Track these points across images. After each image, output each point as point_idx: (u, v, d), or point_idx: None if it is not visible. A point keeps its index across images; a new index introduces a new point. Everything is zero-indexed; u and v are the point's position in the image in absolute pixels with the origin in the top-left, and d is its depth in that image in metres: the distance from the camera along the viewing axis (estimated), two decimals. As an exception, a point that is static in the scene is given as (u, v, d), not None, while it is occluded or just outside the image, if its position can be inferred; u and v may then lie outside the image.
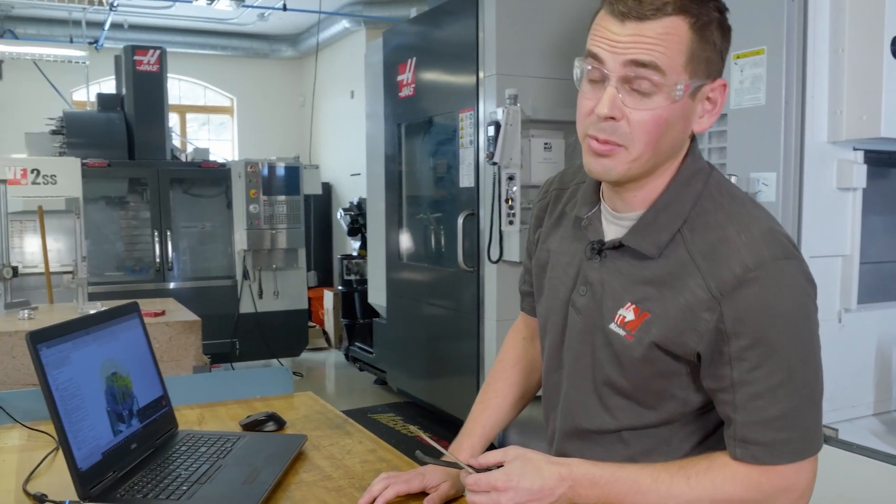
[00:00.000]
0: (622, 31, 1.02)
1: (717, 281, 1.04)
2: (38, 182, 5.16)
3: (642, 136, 1.04)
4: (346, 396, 5.96)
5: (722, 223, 1.07)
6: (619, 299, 1.13)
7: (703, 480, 1.05)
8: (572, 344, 1.22)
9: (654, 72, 1.01)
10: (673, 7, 1.01)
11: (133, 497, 1.33)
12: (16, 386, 3.01)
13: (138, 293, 5.39)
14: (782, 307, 1.03)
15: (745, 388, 1.04)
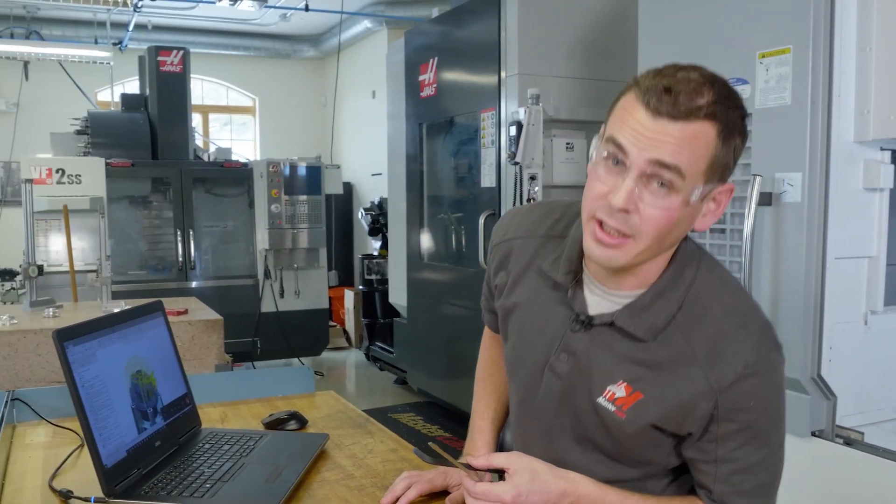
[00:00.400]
0: (652, 127, 1.02)
1: (717, 375, 1.09)
2: (64, 182, 5.21)
3: (651, 231, 1.05)
4: (366, 396, 5.97)
5: (718, 316, 1.11)
6: (609, 375, 1.15)
7: None
8: (549, 404, 1.24)
9: (676, 175, 1.02)
10: (706, 112, 1.01)
11: (157, 494, 1.34)
12: (41, 383, 3.04)
13: (161, 292, 5.43)
14: (771, 398, 1.12)
15: (727, 464, 1.12)
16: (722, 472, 1.13)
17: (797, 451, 2.33)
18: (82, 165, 5.33)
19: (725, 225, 2.50)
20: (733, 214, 2.48)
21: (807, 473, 2.32)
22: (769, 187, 2.33)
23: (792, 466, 2.32)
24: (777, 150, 2.32)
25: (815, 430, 2.31)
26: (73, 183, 5.19)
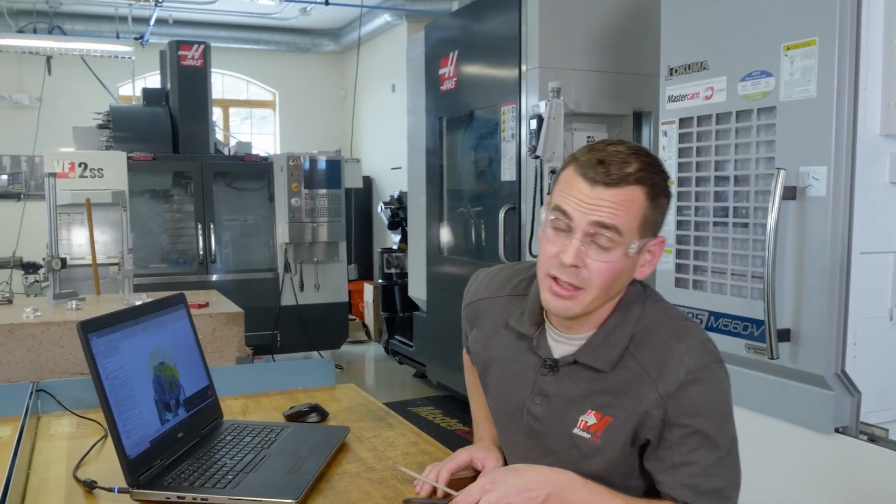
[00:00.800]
0: (590, 194, 1.20)
1: (664, 385, 1.23)
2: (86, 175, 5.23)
3: (598, 282, 1.22)
4: (385, 389, 5.99)
5: (664, 338, 1.26)
6: (579, 407, 1.30)
7: None
8: (532, 444, 1.37)
9: (614, 233, 1.20)
10: (634, 178, 1.19)
11: (180, 485, 1.35)
12: (64, 375, 3.07)
13: (182, 285, 5.47)
14: (713, 402, 1.24)
15: (684, 468, 1.23)
16: (680, 477, 1.23)
17: (820, 447, 2.31)
18: (104, 159, 5.35)
19: (749, 219, 2.48)
20: (756, 209, 2.45)
21: (830, 470, 2.30)
22: (793, 181, 2.30)
23: (815, 463, 2.31)
24: (802, 143, 2.29)
25: (838, 427, 2.29)
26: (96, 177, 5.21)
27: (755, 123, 2.44)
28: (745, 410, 2.53)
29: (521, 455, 1.40)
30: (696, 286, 2.69)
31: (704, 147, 2.64)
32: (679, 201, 2.73)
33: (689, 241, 2.70)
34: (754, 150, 2.45)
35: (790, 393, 2.39)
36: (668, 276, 2.77)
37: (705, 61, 2.60)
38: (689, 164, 2.68)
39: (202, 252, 6.23)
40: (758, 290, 2.42)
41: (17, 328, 3.08)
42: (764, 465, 2.50)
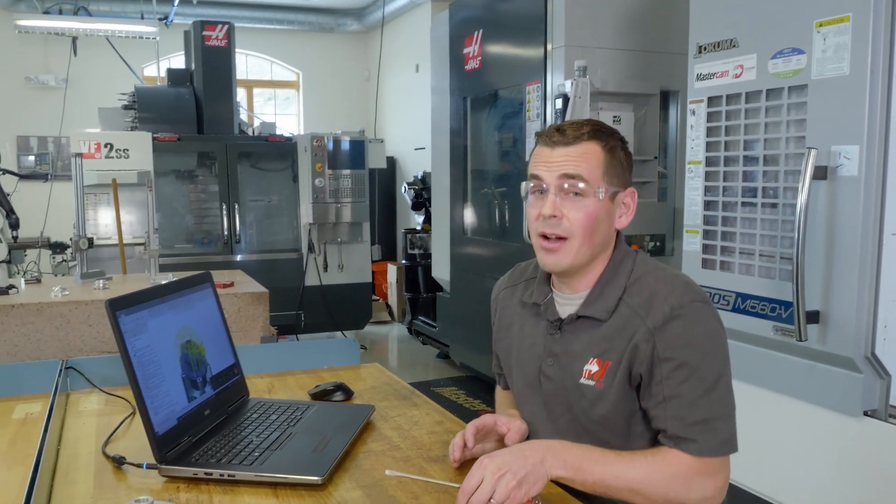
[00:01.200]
0: (554, 155, 1.40)
1: (652, 320, 1.34)
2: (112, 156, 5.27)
3: (580, 229, 1.38)
4: (408, 370, 6.00)
5: (651, 283, 1.39)
6: (583, 358, 1.41)
7: (653, 461, 1.30)
8: (551, 407, 1.47)
9: (581, 180, 1.37)
10: (588, 136, 1.39)
11: (207, 461, 1.36)
12: (91, 353, 3.10)
13: (207, 265, 5.50)
14: (699, 338, 1.33)
15: (673, 401, 1.32)
16: (671, 410, 1.32)
17: (849, 430, 2.29)
18: (130, 140, 5.39)
19: (778, 199, 2.45)
20: (786, 189, 2.42)
21: (858, 453, 2.28)
22: (824, 161, 2.26)
23: (844, 446, 2.29)
24: (833, 122, 2.25)
25: (867, 410, 2.26)
26: (121, 157, 5.25)
27: (786, 102, 2.40)
28: (773, 393, 2.51)
29: (541, 421, 1.49)
30: (724, 267, 2.66)
31: (733, 126, 2.60)
32: (707, 181, 2.70)
33: (717, 222, 2.67)
34: (784, 129, 2.42)
35: (818, 375, 2.37)
36: (695, 257, 2.74)
37: (735, 39, 2.56)
38: (718, 143, 2.65)
39: (227, 232, 6.27)
40: (786, 271, 2.39)
41: (45, 307, 3.12)
42: (792, 448, 2.48)
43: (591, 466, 1.27)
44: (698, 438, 1.30)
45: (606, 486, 1.28)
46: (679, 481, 1.30)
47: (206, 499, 1.27)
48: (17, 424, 1.68)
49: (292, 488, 1.31)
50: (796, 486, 2.47)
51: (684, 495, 1.30)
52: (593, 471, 1.27)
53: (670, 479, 1.29)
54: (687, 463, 1.30)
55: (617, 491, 1.28)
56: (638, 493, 1.29)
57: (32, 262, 6.48)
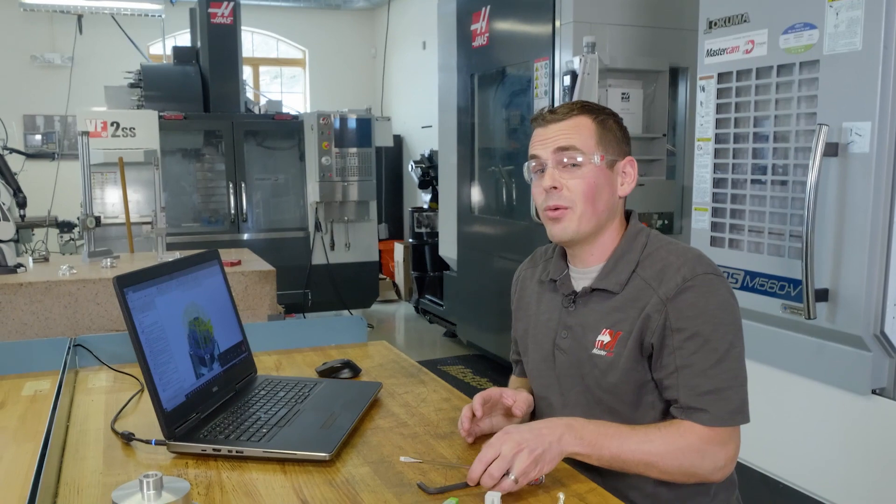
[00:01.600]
0: (546, 132, 1.45)
1: (664, 290, 1.36)
2: (118, 135, 5.28)
3: (580, 197, 1.42)
4: (416, 348, 6.02)
5: (664, 256, 1.42)
6: (596, 329, 1.44)
7: (666, 434, 1.32)
8: (563, 379, 1.50)
9: (575, 151, 1.42)
10: (578, 111, 1.45)
11: (215, 438, 1.36)
12: (100, 332, 3.12)
13: (214, 244, 5.49)
14: (711, 308, 1.35)
15: (685, 370, 1.34)
16: (682, 379, 1.34)
17: (857, 408, 2.29)
18: (136, 118, 5.39)
19: (788, 177, 2.43)
20: (797, 166, 2.40)
21: (867, 431, 2.28)
22: (836, 137, 2.24)
23: (852, 424, 2.28)
24: (845, 98, 2.22)
25: (876, 388, 2.26)
26: (128, 136, 5.26)
27: (797, 78, 2.37)
28: (781, 371, 2.50)
29: (554, 394, 1.52)
30: (733, 245, 2.65)
31: (743, 103, 2.58)
32: (716, 158, 2.68)
33: (726, 200, 2.65)
34: (795, 105, 2.39)
35: (827, 354, 2.36)
36: (704, 235, 2.73)
37: (746, 13, 2.53)
38: (728, 120, 2.63)
39: (234, 211, 6.26)
40: (796, 249, 2.38)
41: (54, 285, 3.13)
42: (800, 427, 2.48)
43: (607, 442, 1.28)
44: (709, 408, 1.31)
45: (622, 460, 1.29)
46: (692, 452, 1.31)
47: (214, 475, 1.28)
48: (26, 401, 1.69)
49: (300, 464, 1.31)
50: (804, 465, 2.47)
51: (698, 465, 1.32)
52: (609, 446, 1.28)
53: (684, 451, 1.31)
54: (699, 433, 1.31)
55: (632, 465, 1.30)
56: (653, 465, 1.30)
57: (40, 241, 6.50)
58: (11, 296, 3.06)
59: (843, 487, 2.35)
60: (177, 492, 0.93)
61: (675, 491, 1.39)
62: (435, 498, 1.17)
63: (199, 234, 6.15)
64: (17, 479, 1.27)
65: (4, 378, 1.85)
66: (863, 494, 2.30)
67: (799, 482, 2.49)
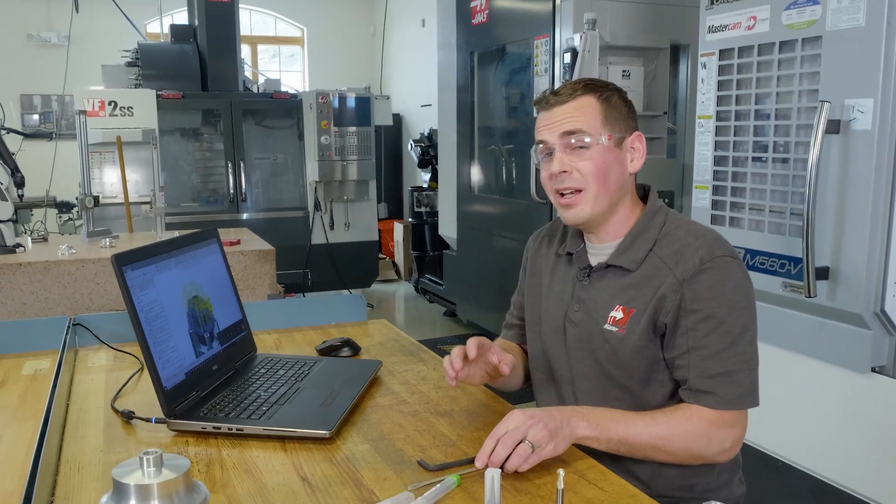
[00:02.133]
0: (552, 116, 1.43)
1: (681, 271, 1.36)
2: (116, 114, 5.23)
3: (591, 178, 1.40)
4: (416, 328, 6.02)
5: (682, 236, 1.41)
6: (609, 305, 1.44)
7: (673, 417, 1.33)
8: (573, 352, 1.50)
9: (582, 133, 1.40)
10: (581, 90, 1.42)
11: (215, 416, 1.36)
12: (98, 311, 3.11)
13: (213, 224, 5.45)
14: (727, 291, 1.35)
15: (697, 352, 1.34)
16: (694, 361, 1.34)
17: (857, 386, 2.29)
18: (134, 97, 5.34)
19: (789, 154, 2.41)
20: (798, 143, 2.38)
21: (866, 409, 2.28)
22: (838, 114, 2.23)
23: (851, 402, 2.29)
24: (847, 74, 2.21)
25: (875, 366, 2.26)
26: (126, 115, 5.21)
27: (799, 54, 2.36)
28: (781, 349, 2.50)
29: (564, 367, 1.52)
30: (733, 223, 2.64)
31: (745, 80, 2.56)
32: (717, 136, 2.66)
33: (727, 178, 2.64)
34: (797, 82, 2.38)
35: (827, 332, 2.36)
36: (704, 213, 2.72)
37: (748, -11, 2.50)
38: (729, 97, 2.61)
39: (232, 191, 6.25)
40: (796, 227, 2.37)
41: (53, 265, 3.12)
42: (800, 405, 2.48)
43: (614, 426, 1.28)
44: (718, 391, 1.32)
45: (629, 444, 1.29)
46: (700, 435, 1.32)
47: (214, 452, 1.28)
48: (26, 380, 1.69)
49: (300, 442, 1.31)
50: (803, 443, 2.48)
51: (704, 449, 1.33)
52: (616, 429, 1.28)
53: (691, 434, 1.32)
54: (706, 417, 1.32)
55: (639, 448, 1.31)
56: (660, 448, 1.31)
57: (39, 221, 6.48)
58: (11, 276, 3.06)
59: (842, 465, 2.36)
60: (177, 469, 0.92)
61: (681, 469, 1.40)
62: (435, 475, 1.17)
63: (198, 213, 6.13)
64: (18, 457, 1.27)
65: (4, 357, 1.85)
66: (862, 472, 2.30)
67: (798, 460, 2.50)
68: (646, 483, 1.40)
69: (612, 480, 1.18)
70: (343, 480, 1.17)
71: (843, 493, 2.34)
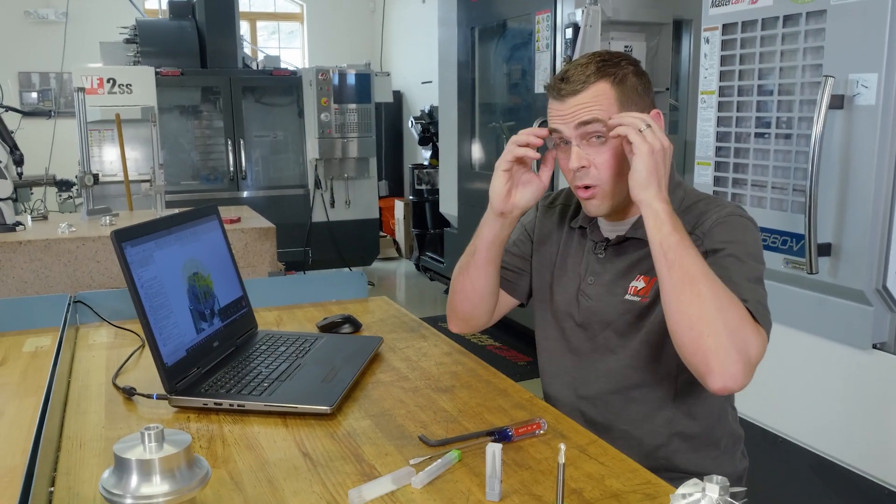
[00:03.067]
0: (565, 107, 1.37)
1: (701, 230, 1.37)
2: (115, 91, 5.21)
3: (608, 172, 1.37)
4: (416, 306, 6.03)
5: (702, 207, 1.42)
6: (628, 276, 1.43)
7: (728, 292, 1.23)
8: (587, 324, 1.49)
9: (598, 123, 1.34)
10: (594, 77, 1.35)
11: (217, 392, 1.36)
12: (99, 289, 3.11)
13: (213, 202, 5.41)
14: (744, 238, 1.35)
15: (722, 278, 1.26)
16: None
17: (858, 362, 2.29)
18: (132, 74, 5.31)
19: (792, 130, 2.40)
20: (801, 119, 2.37)
21: (867, 385, 2.28)
22: (841, 90, 2.21)
23: (852, 379, 2.29)
24: (852, 49, 2.19)
25: (876, 343, 2.26)
26: (125, 92, 5.19)
27: (803, 28, 2.33)
28: (782, 326, 2.49)
29: (578, 339, 1.51)
30: (735, 200, 2.63)
31: (748, 55, 2.54)
32: (720, 112, 2.64)
33: (729, 154, 2.62)
34: (801, 57, 2.35)
35: (829, 309, 2.35)
36: (706, 190, 2.70)
37: (752, -37, 2.48)
38: (732, 73, 2.59)
39: (232, 168, 6.23)
40: (799, 203, 2.36)
41: (53, 243, 3.12)
42: (801, 382, 2.48)
43: (685, 235, 1.24)
44: (750, 299, 1.24)
45: (681, 265, 1.21)
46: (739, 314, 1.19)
47: (216, 428, 1.28)
48: (27, 357, 1.69)
49: (301, 418, 1.31)
50: (804, 419, 2.48)
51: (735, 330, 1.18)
52: (684, 236, 1.23)
53: (736, 306, 1.19)
54: (752, 321, 1.21)
55: (684, 277, 1.20)
56: (701, 296, 1.19)
57: (38, 199, 6.47)
58: (11, 254, 3.05)
59: (842, 441, 2.36)
60: (178, 444, 0.92)
61: (688, 441, 1.42)
62: (436, 450, 1.18)
63: (198, 191, 6.12)
64: (20, 433, 1.27)
65: (5, 335, 1.85)
66: (862, 448, 2.31)
67: (799, 436, 2.50)
68: (649, 457, 1.39)
69: (612, 455, 1.18)
70: (344, 456, 1.17)
71: (843, 470, 2.35)
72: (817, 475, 2.43)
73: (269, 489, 1.07)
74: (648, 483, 1.10)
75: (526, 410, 1.36)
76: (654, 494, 1.06)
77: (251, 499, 1.04)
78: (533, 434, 1.23)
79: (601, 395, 1.48)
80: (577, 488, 1.08)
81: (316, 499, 1.04)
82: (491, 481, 1.03)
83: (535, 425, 1.24)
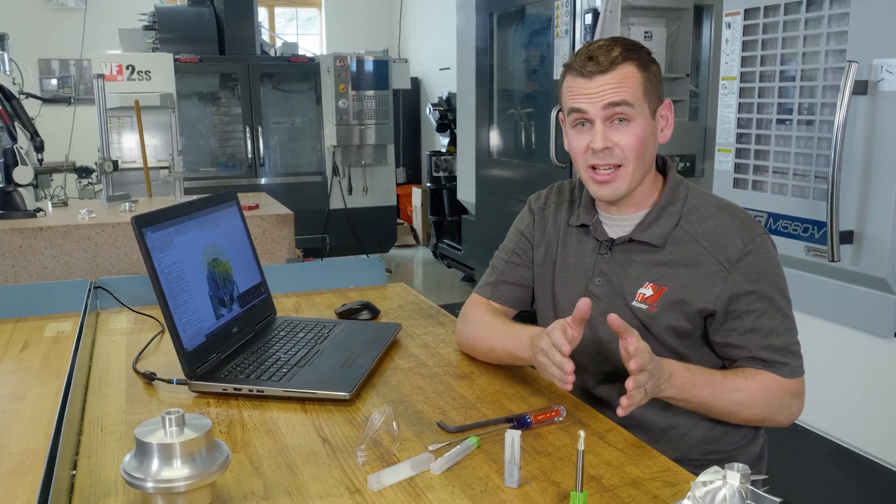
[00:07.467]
0: (593, 85, 1.35)
1: (724, 256, 1.36)
2: (134, 78, 5.23)
3: (632, 153, 1.37)
4: (434, 293, 6.03)
5: (713, 213, 1.41)
6: (637, 282, 1.42)
7: (753, 383, 1.35)
8: (595, 326, 1.43)
9: (626, 106, 1.35)
10: (622, 58, 1.35)
11: (236, 377, 1.36)
12: (119, 275, 3.13)
13: (231, 188, 5.43)
14: (771, 268, 1.38)
15: (757, 331, 1.36)
16: (755, 340, 1.36)
17: (880, 352, 2.27)
18: (151, 61, 5.33)
19: (814, 116, 2.37)
20: (824, 105, 2.34)
21: (888, 374, 2.26)
22: (865, 75, 2.18)
23: (874, 367, 2.27)
24: (876, 34, 2.15)
25: (899, 331, 2.24)
26: (143, 79, 5.20)
27: (826, 13, 2.30)
28: (804, 314, 2.47)
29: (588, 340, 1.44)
30: (756, 187, 2.60)
31: (770, 40, 2.51)
32: (741, 98, 2.62)
33: (751, 140, 2.60)
34: (824, 42, 2.32)
35: (850, 297, 2.33)
36: (727, 177, 2.68)
37: (775, -54, 2.44)
38: (754, 58, 2.56)
39: (250, 155, 6.24)
40: (821, 190, 2.33)
41: (73, 229, 3.14)
42: (822, 370, 2.46)
43: (698, 391, 1.31)
44: (790, 362, 1.37)
45: (709, 408, 1.34)
46: (776, 401, 1.37)
47: (235, 413, 1.29)
48: (49, 342, 1.70)
49: (320, 403, 1.32)
50: (824, 407, 2.46)
51: (776, 413, 1.39)
52: (700, 394, 1.31)
53: (769, 400, 1.36)
54: (783, 385, 1.37)
55: (716, 411, 1.35)
56: (735, 413, 1.36)
57: (59, 186, 6.52)
58: (32, 240, 3.08)
59: (863, 430, 2.35)
60: (199, 428, 0.93)
61: (712, 431, 1.43)
62: (455, 436, 1.18)
63: (217, 178, 6.14)
64: (42, 417, 1.28)
65: (27, 320, 1.87)
66: (883, 437, 2.29)
67: (819, 425, 2.49)
68: (670, 446, 1.39)
69: (632, 442, 1.18)
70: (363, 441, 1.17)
71: (863, 459, 2.33)
72: (837, 464, 2.42)
73: (288, 474, 1.08)
74: (668, 470, 1.09)
75: (544, 397, 1.36)
76: (673, 482, 1.06)
77: (271, 483, 1.05)
78: (552, 421, 1.23)
79: (609, 396, 1.46)
80: (596, 475, 1.07)
81: (335, 483, 1.04)
82: (509, 468, 1.03)
83: (553, 412, 1.24)
